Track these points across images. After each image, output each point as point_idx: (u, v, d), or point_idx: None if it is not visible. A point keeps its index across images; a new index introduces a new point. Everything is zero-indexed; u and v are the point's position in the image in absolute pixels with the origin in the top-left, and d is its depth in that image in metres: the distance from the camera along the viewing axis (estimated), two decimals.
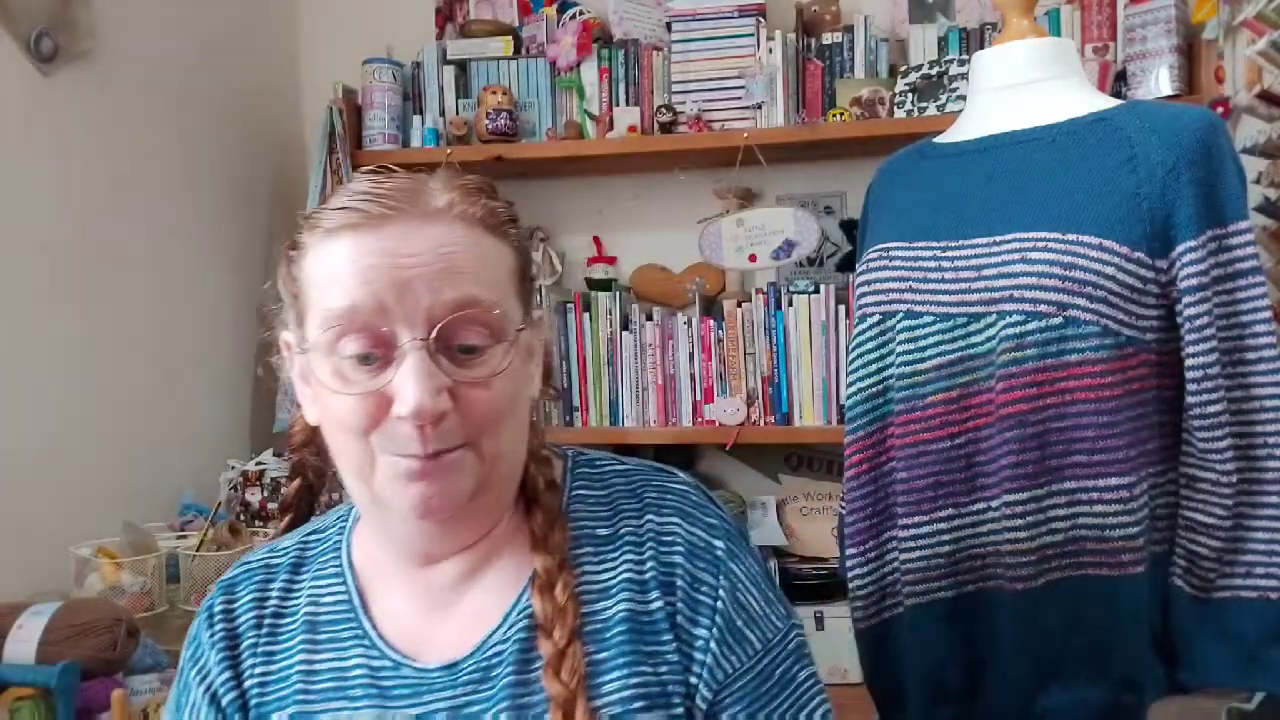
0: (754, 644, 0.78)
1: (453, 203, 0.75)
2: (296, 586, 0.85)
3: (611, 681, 0.75)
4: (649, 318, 2.27)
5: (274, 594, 0.85)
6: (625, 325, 2.27)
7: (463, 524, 0.78)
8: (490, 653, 0.77)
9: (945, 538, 1.15)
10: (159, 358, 2.10)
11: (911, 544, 1.16)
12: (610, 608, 0.77)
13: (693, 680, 0.76)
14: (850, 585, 1.25)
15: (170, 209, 2.15)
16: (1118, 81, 2.03)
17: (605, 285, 2.35)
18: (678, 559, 0.78)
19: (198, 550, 1.83)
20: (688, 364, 2.24)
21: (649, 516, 0.80)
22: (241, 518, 2.11)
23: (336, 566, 0.85)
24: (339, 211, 0.74)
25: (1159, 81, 1.98)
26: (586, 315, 2.28)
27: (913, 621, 1.18)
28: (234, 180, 2.36)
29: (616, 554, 0.79)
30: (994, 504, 1.11)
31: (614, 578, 0.78)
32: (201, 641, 0.85)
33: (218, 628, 0.84)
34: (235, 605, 0.85)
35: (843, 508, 1.29)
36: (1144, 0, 2.00)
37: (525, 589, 0.79)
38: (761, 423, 2.20)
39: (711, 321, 2.23)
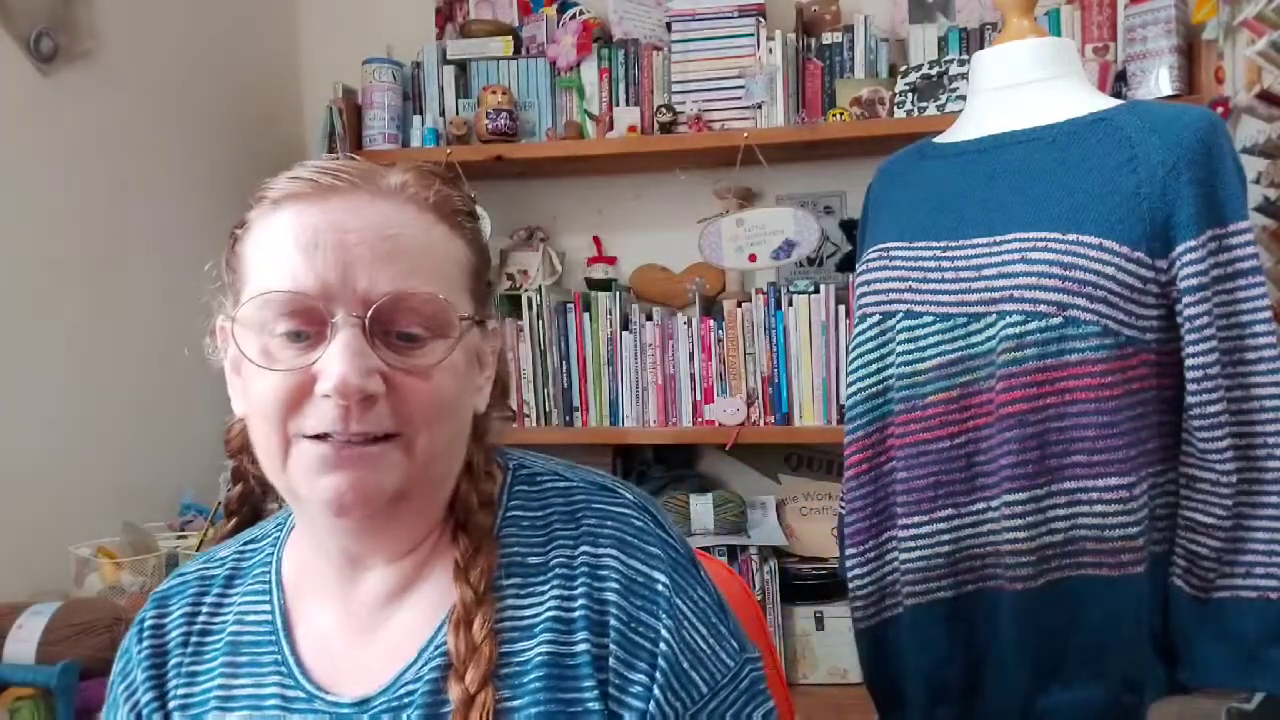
0: (700, 687, 0.72)
1: (406, 184, 0.71)
2: (227, 602, 0.81)
3: None
4: (649, 318, 2.27)
5: (204, 610, 0.80)
6: (625, 325, 2.27)
7: (383, 529, 0.72)
8: (402, 690, 0.72)
9: (945, 538, 1.15)
10: (159, 358, 2.10)
11: (911, 544, 1.16)
12: (530, 648, 0.71)
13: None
14: (850, 585, 1.25)
15: (170, 209, 2.15)
16: (1118, 81, 2.03)
17: (605, 285, 2.35)
18: (611, 595, 0.71)
19: (198, 550, 1.83)
20: (688, 364, 2.24)
21: (584, 547, 0.74)
22: None
23: (265, 583, 0.80)
24: (286, 181, 0.71)
25: (1159, 81, 1.98)
26: (586, 315, 2.28)
27: (913, 621, 1.18)
28: (234, 180, 2.36)
29: (545, 587, 0.73)
30: (994, 504, 1.11)
31: (539, 615, 0.72)
32: (131, 656, 0.81)
33: (145, 643, 0.80)
34: (166, 620, 0.81)
35: (842, 508, 1.29)
36: (1144, 0, 2.00)
37: (444, 623, 0.73)
38: (761, 423, 2.20)
39: (711, 321, 2.23)
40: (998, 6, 1.31)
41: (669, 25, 2.28)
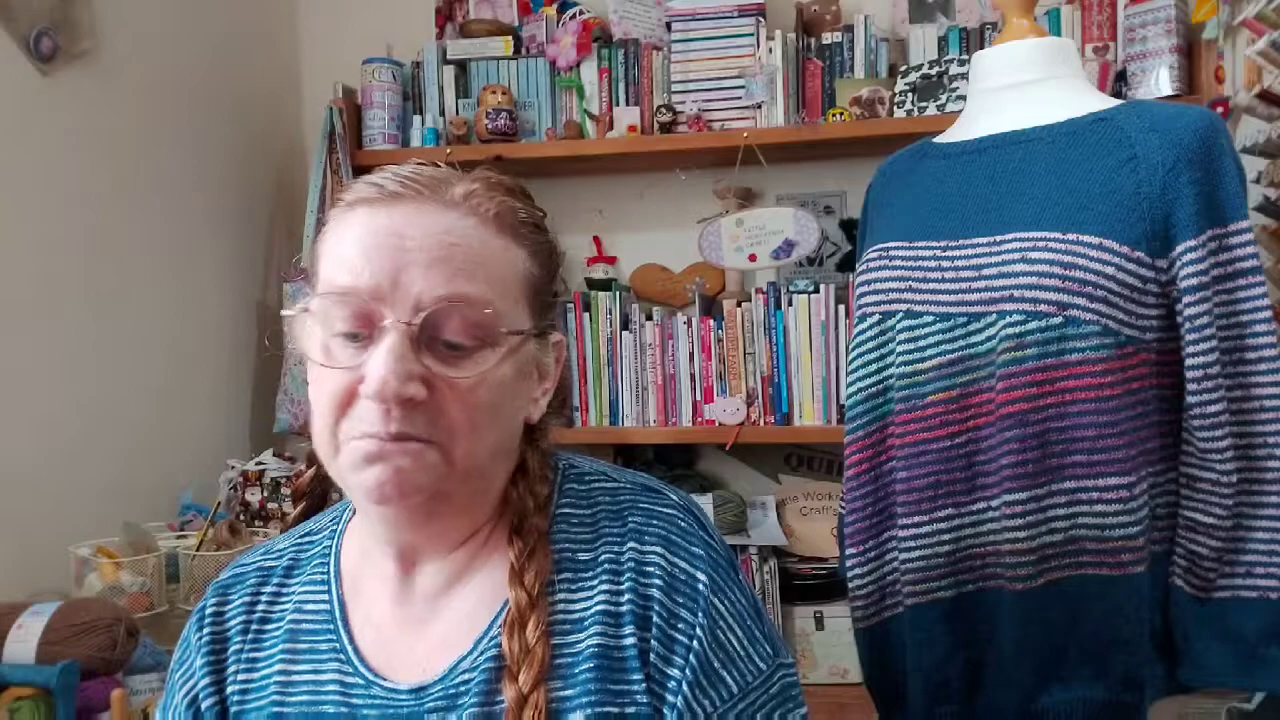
0: (730, 686, 0.74)
1: (470, 194, 0.74)
2: (286, 592, 0.83)
3: None
4: (649, 318, 2.27)
5: (264, 599, 0.83)
6: (625, 325, 2.27)
7: (428, 522, 0.75)
8: (458, 680, 0.75)
9: (945, 537, 1.15)
10: (159, 357, 2.10)
11: (911, 543, 1.16)
12: (581, 641, 0.73)
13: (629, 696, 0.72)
14: (850, 585, 1.25)
15: (170, 209, 2.15)
16: (1118, 81, 2.03)
17: (605, 285, 2.35)
18: (655, 592, 0.74)
19: (198, 550, 1.83)
20: (688, 364, 2.24)
21: (630, 544, 0.76)
22: (241, 518, 2.11)
23: (323, 573, 0.83)
24: (362, 185, 0.74)
25: (1159, 81, 1.98)
26: (586, 315, 2.28)
27: (913, 621, 1.18)
28: (234, 180, 2.36)
29: (594, 582, 0.75)
30: (994, 504, 1.11)
31: (588, 609, 0.74)
32: (190, 644, 0.84)
33: (206, 631, 0.83)
34: (226, 609, 0.84)
35: (843, 508, 1.29)
36: (1144, 0, 2.00)
37: (498, 616, 0.75)
38: (761, 423, 2.20)
39: (711, 321, 2.23)
40: (998, 6, 1.31)
41: (669, 25, 2.28)
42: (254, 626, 0.82)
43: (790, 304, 2.18)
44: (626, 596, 0.74)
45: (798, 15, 2.25)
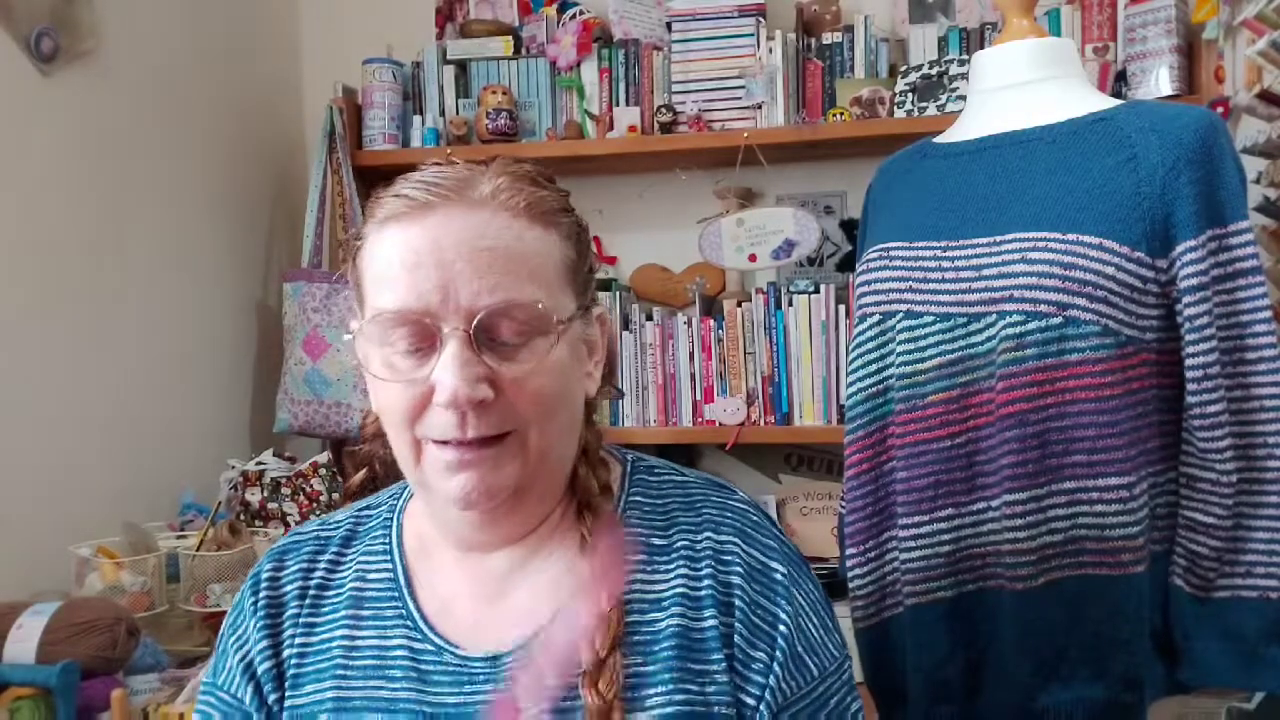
0: (812, 670, 0.78)
1: (497, 191, 0.75)
2: (344, 561, 0.85)
3: (655, 696, 0.74)
4: (649, 318, 2.27)
5: (321, 566, 0.85)
6: (625, 325, 2.27)
7: (506, 518, 0.78)
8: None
9: (945, 537, 1.15)
10: (159, 357, 2.10)
11: (911, 543, 1.16)
12: (661, 620, 0.77)
13: (749, 701, 0.75)
14: (850, 585, 1.25)
15: (170, 208, 2.15)
16: (1118, 81, 2.03)
17: (605, 285, 2.34)
18: (736, 579, 0.77)
19: (198, 550, 1.83)
20: (688, 364, 2.24)
21: (707, 533, 0.80)
22: (241, 517, 2.11)
23: (385, 544, 0.85)
24: (391, 200, 0.76)
25: (1159, 81, 1.98)
26: None
27: (913, 621, 1.18)
28: (234, 180, 2.36)
29: (670, 566, 0.79)
30: (994, 504, 1.11)
31: (667, 590, 0.78)
32: (244, 609, 0.85)
33: (262, 595, 0.84)
34: (282, 574, 0.85)
35: (843, 507, 1.29)
36: (1144, 0, 2.00)
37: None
38: (761, 423, 2.20)
39: (711, 321, 2.23)
40: (998, 6, 1.31)
41: (669, 25, 2.28)
42: (312, 592, 0.84)
43: (790, 304, 2.18)
44: (706, 582, 0.77)
45: (798, 15, 2.25)
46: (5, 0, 1.73)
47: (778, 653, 0.76)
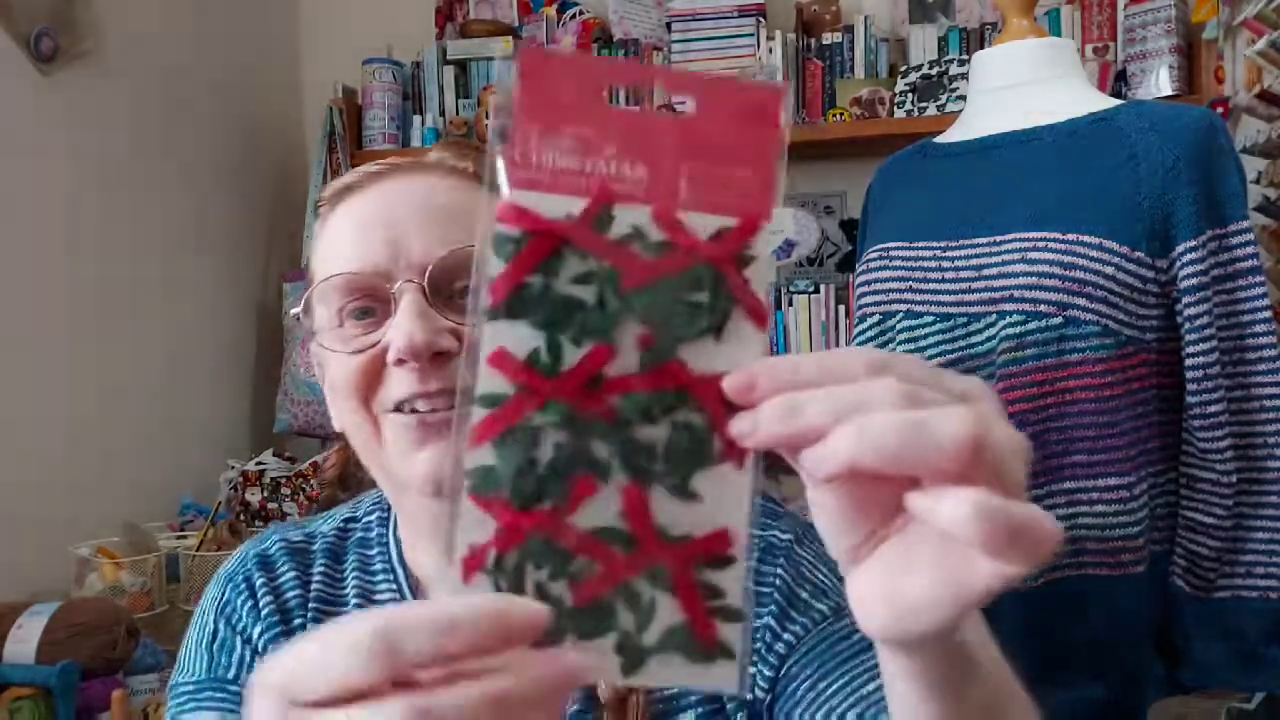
0: (823, 610, 0.71)
1: (443, 159, 0.74)
2: (340, 575, 0.79)
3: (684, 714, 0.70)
4: None
5: (317, 578, 0.79)
6: None
7: None
8: None
9: None
10: (159, 358, 2.10)
11: None
12: None
13: (762, 667, 0.70)
14: None
15: (170, 208, 2.15)
16: (1118, 81, 2.03)
17: None
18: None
19: (198, 550, 1.83)
20: None
21: None
22: (241, 518, 2.11)
23: (385, 563, 0.79)
24: (337, 181, 0.74)
25: (1159, 81, 1.98)
26: None
27: None
28: (234, 180, 2.36)
29: None
30: None
31: None
32: (240, 615, 0.78)
33: (265, 603, 0.78)
34: (279, 581, 0.79)
35: None
36: (1144, 0, 2.01)
37: None
38: None
39: None
40: (998, 6, 1.31)
41: (669, 25, 2.28)
42: (312, 604, 0.78)
43: (790, 304, 2.18)
44: None
45: (798, 15, 2.25)
46: (5, 0, 1.73)
47: (773, 606, 0.70)
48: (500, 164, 0.36)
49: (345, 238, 0.70)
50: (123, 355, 2.00)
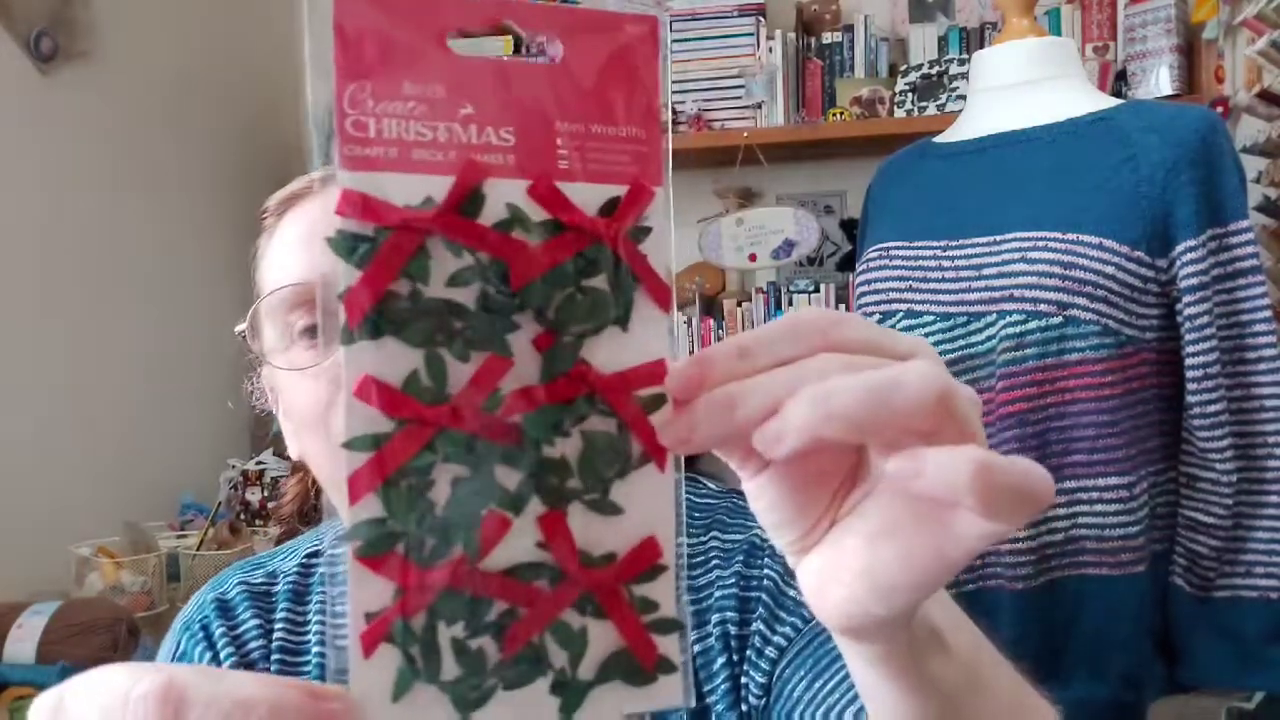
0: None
1: None
2: (303, 619, 0.74)
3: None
4: None
5: (279, 626, 0.74)
6: None
7: None
8: None
9: None
10: (159, 357, 2.10)
11: None
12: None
13: (742, 680, 0.66)
14: None
15: (170, 209, 2.15)
16: (1118, 81, 2.03)
17: None
18: (715, 573, 0.69)
19: (198, 550, 1.83)
20: None
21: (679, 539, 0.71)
22: (241, 517, 2.11)
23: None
24: (283, 191, 0.69)
25: (1159, 81, 1.98)
26: None
27: None
28: (233, 180, 2.36)
29: None
30: None
31: None
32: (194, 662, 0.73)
33: (226, 654, 0.72)
34: (240, 630, 0.73)
35: None
36: (1144, 0, 2.01)
37: None
38: None
39: (711, 321, 2.23)
40: (998, 6, 1.31)
41: (669, 25, 2.28)
42: (275, 654, 0.72)
43: (790, 304, 2.18)
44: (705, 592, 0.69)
45: (798, 15, 2.25)
46: (5, 0, 1.73)
47: (762, 609, 0.66)
48: (332, 141, 0.29)
49: (290, 247, 0.65)
50: (122, 355, 2.00)
